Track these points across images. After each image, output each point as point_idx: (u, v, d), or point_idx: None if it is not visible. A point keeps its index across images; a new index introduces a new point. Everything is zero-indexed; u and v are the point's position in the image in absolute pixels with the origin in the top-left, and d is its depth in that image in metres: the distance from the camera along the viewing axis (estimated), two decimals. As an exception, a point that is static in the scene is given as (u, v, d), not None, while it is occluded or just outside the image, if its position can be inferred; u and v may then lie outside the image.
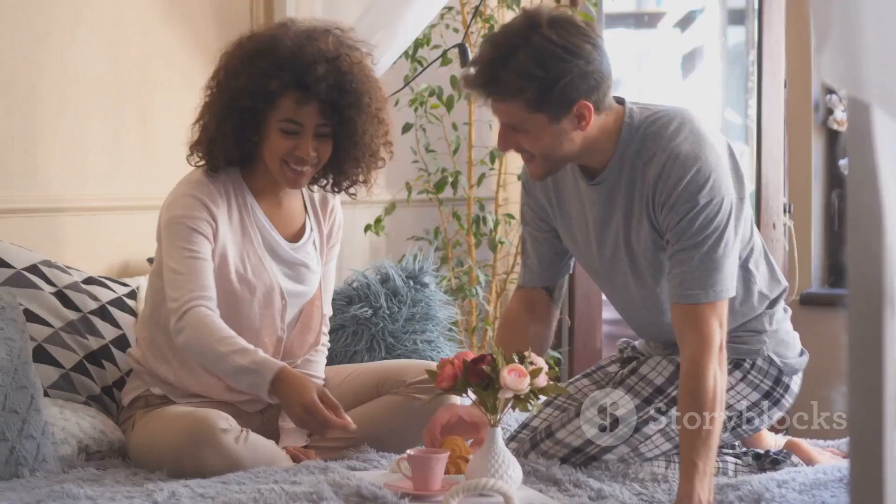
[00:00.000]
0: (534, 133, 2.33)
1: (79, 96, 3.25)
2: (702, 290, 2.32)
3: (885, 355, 1.27)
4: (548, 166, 2.40)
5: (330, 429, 2.47)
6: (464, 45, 3.69)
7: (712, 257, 2.33)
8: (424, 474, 2.25)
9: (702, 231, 2.33)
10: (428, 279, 3.26)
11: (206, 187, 2.64)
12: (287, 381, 2.49)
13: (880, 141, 1.29)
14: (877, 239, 1.29)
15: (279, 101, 2.59)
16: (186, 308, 2.55)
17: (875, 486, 1.26)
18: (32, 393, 2.51)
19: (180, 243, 2.59)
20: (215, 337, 2.53)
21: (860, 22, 1.25)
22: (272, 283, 2.69)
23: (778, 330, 2.55)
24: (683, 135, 2.37)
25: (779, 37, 4.22)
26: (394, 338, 3.15)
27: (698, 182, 2.33)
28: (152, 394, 2.70)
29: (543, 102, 2.29)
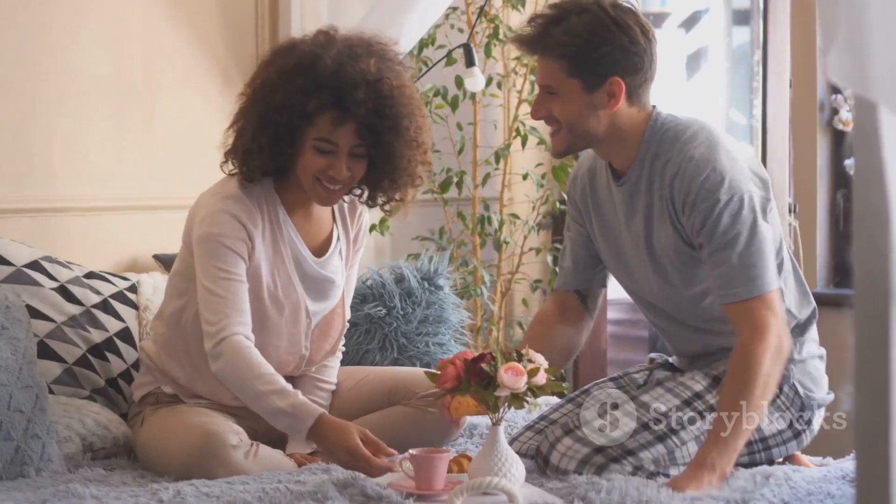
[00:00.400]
0: (565, 99, 2.43)
1: (82, 96, 3.26)
2: (743, 286, 2.36)
3: (891, 354, 1.27)
4: (570, 140, 2.48)
5: (377, 471, 2.37)
6: (468, 46, 3.70)
7: (749, 252, 2.37)
8: (427, 474, 2.25)
9: (731, 229, 2.37)
10: (442, 282, 3.26)
11: (242, 204, 2.58)
12: (327, 426, 2.44)
13: (887, 140, 1.29)
14: (883, 238, 1.29)
15: (316, 119, 2.53)
16: (224, 336, 2.50)
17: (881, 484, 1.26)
18: (37, 392, 2.51)
19: (217, 263, 2.53)
20: (254, 373, 2.48)
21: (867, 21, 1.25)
22: (299, 301, 2.66)
23: (806, 363, 2.54)
24: (699, 140, 2.43)
25: (784, 37, 4.22)
26: (406, 339, 3.15)
27: (714, 180, 2.38)
28: (163, 391, 2.69)
29: (582, 66, 2.41)
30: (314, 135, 2.54)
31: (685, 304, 2.53)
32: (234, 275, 2.54)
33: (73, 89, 3.23)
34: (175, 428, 2.56)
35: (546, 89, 2.47)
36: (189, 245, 2.62)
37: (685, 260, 2.46)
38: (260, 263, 2.60)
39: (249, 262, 2.58)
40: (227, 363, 2.50)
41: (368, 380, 2.83)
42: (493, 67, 4.13)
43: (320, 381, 2.78)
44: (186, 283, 2.63)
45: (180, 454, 2.49)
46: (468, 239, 4.08)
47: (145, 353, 2.75)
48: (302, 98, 2.52)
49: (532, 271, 4.30)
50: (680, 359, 2.66)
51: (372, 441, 2.41)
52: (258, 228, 2.59)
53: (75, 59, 3.23)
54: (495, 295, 4.09)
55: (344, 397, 2.80)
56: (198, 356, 2.61)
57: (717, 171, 2.39)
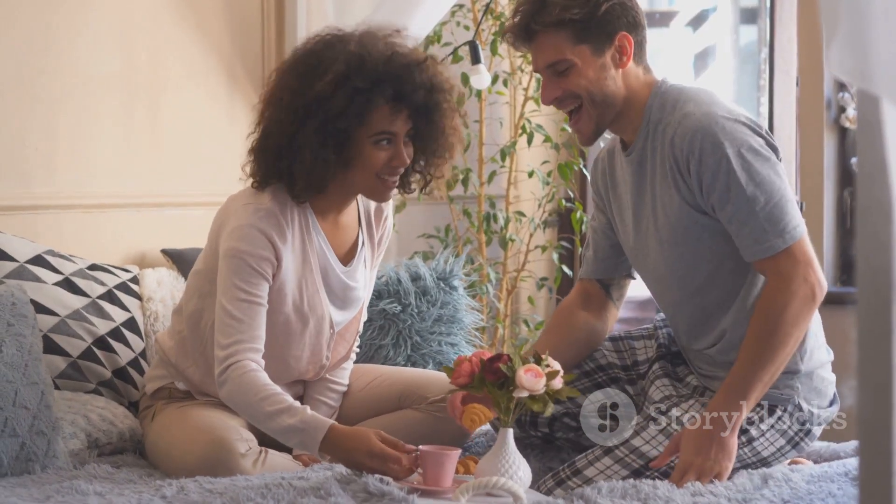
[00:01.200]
0: (578, 68, 2.42)
1: (88, 94, 3.26)
2: (777, 237, 2.34)
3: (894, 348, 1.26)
4: (595, 115, 2.45)
5: (402, 465, 2.30)
6: (474, 43, 3.70)
7: (771, 203, 2.34)
8: (436, 471, 2.24)
9: (749, 184, 2.34)
10: (457, 282, 3.26)
11: (274, 218, 2.53)
12: (340, 435, 2.36)
13: (890, 134, 1.29)
14: (886, 232, 1.28)
15: (370, 116, 2.50)
16: (231, 362, 2.46)
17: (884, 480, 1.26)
18: (43, 389, 2.51)
19: (238, 282, 2.49)
20: (260, 395, 2.43)
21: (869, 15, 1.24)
22: (324, 312, 2.64)
23: (812, 375, 2.48)
24: (697, 98, 2.43)
25: (791, 35, 4.22)
26: (420, 336, 3.15)
27: (716, 133, 2.36)
28: (176, 387, 2.68)
29: (587, 30, 2.41)
30: (371, 132, 2.51)
31: (692, 283, 2.48)
32: (255, 297, 2.49)
33: (78, 86, 3.24)
34: (184, 431, 2.55)
35: (553, 68, 2.44)
36: (214, 248, 2.58)
37: (692, 228, 2.43)
38: (287, 277, 2.56)
39: (274, 280, 2.54)
40: (233, 389, 2.45)
41: (379, 381, 2.81)
42: (500, 65, 4.13)
43: (332, 383, 2.77)
44: (209, 286, 2.59)
45: (188, 460, 2.48)
46: (474, 237, 4.08)
47: (161, 347, 2.74)
48: (361, 98, 2.48)
49: (538, 269, 4.30)
50: (696, 356, 2.58)
51: (390, 441, 2.34)
52: (287, 243, 2.55)
53: (81, 57, 3.24)
54: (501, 293, 4.09)
55: (354, 398, 2.79)
56: (213, 361, 2.59)
57: (714, 122, 2.36)
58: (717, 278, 2.46)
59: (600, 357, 2.65)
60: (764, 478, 2.31)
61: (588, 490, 2.19)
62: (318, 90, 2.48)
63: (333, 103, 2.47)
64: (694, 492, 2.22)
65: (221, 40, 3.56)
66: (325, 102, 2.47)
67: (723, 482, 2.29)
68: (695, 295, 2.49)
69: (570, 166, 4.02)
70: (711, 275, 2.46)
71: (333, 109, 2.47)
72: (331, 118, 2.48)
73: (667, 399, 2.49)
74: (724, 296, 2.47)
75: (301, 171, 2.50)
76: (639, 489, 2.20)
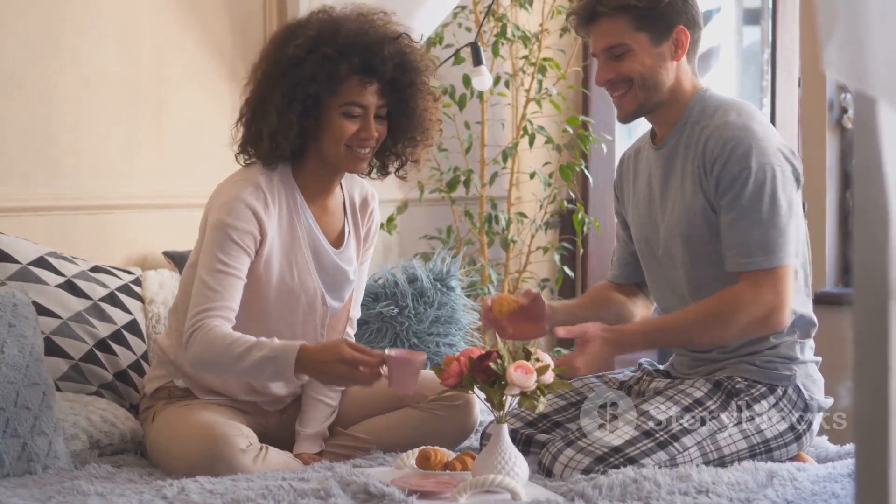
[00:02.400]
0: (636, 53, 2.51)
1: (93, 95, 3.27)
2: (763, 255, 2.42)
3: (890, 349, 1.26)
4: (642, 98, 2.54)
5: (375, 367, 2.38)
6: (476, 44, 3.70)
7: (770, 224, 2.42)
8: (401, 373, 2.31)
9: (756, 199, 2.42)
10: (454, 283, 3.26)
11: (259, 192, 2.59)
12: (312, 352, 2.43)
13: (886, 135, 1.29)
14: (883, 233, 1.28)
15: (340, 86, 2.58)
16: (197, 326, 2.50)
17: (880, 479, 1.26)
18: (44, 390, 2.52)
19: (219, 254, 2.54)
20: (225, 343, 2.47)
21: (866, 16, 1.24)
22: (315, 288, 2.67)
23: (808, 365, 2.57)
24: (736, 112, 2.51)
25: (793, 36, 4.22)
26: (417, 338, 3.15)
27: (748, 144, 2.44)
28: (175, 385, 2.69)
29: (649, 19, 2.50)
30: (340, 101, 2.59)
31: (694, 281, 2.55)
32: (232, 269, 2.54)
33: (82, 87, 3.24)
34: (185, 428, 2.56)
35: (611, 51, 2.53)
36: (204, 234, 2.62)
37: (706, 228, 2.50)
38: (272, 249, 2.60)
39: (259, 253, 2.59)
40: (199, 348, 2.49)
41: None
42: (502, 66, 4.13)
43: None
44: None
45: (188, 456, 2.49)
46: (476, 238, 4.08)
47: (159, 346, 2.75)
48: (331, 65, 2.56)
49: (539, 270, 4.30)
50: (677, 359, 2.66)
51: (359, 348, 2.42)
52: (273, 217, 2.60)
53: (84, 58, 3.24)
54: (503, 294, 4.09)
55: (353, 398, 2.79)
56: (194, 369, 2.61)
57: (750, 136, 2.45)
58: (718, 283, 2.50)
59: (587, 391, 2.68)
60: (769, 475, 2.32)
61: (588, 489, 2.19)
62: (289, 53, 2.57)
63: (304, 68, 2.56)
64: (697, 490, 2.22)
65: (224, 41, 3.56)
66: (296, 66, 2.57)
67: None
68: (694, 294, 2.54)
69: (571, 168, 4.02)
70: (714, 277, 2.51)
71: (303, 74, 2.56)
72: (301, 82, 2.56)
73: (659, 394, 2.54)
74: None
75: (266, 133, 2.59)
76: (640, 487, 2.20)
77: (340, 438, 2.73)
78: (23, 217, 3.10)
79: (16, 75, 3.11)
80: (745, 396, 2.48)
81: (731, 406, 2.47)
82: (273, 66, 2.60)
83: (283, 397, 2.74)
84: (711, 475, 2.29)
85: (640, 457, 2.39)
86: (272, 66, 2.60)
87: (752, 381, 2.50)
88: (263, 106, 2.60)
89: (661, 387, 2.58)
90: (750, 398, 2.48)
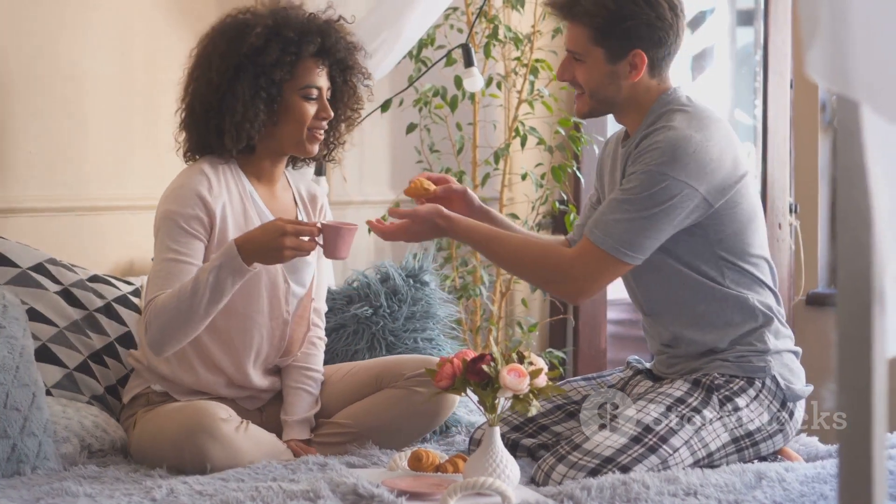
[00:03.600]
0: (589, 66, 2.54)
1: (87, 98, 3.27)
2: (602, 232, 2.45)
3: (873, 352, 1.27)
4: (591, 105, 2.59)
5: (313, 235, 2.49)
6: (468, 46, 3.70)
7: (631, 217, 2.43)
8: (334, 241, 2.46)
9: (639, 189, 2.43)
10: (428, 277, 3.26)
11: (203, 176, 2.64)
12: (251, 239, 2.48)
13: (869, 139, 1.29)
14: (866, 236, 1.29)
15: (297, 69, 2.65)
16: (146, 312, 2.54)
17: (863, 483, 1.26)
18: (34, 391, 2.52)
19: (168, 242, 2.59)
20: (172, 298, 2.50)
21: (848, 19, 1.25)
22: (276, 268, 2.70)
23: (782, 354, 2.57)
24: (687, 120, 2.49)
25: (785, 37, 4.22)
26: (394, 336, 3.15)
27: (669, 154, 2.43)
28: (153, 391, 2.71)
29: (606, 37, 2.50)
30: (300, 84, 2.66)
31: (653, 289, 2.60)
32: (182, 255, 2.57)
33: (76, 91, 3.24)
34: (165, 415, 2.60)
35: (572, 54, 2.56)
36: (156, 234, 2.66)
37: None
38: (227, 230, 2.64)
39: (212, 236, 2.63)
40: (153, 321, 2.51)
41: (356, 370, 2.86)
42: (494, 68, 4.13)
43: (307, 370, 2.80)
44: None
45: (172, 434, 2.52)
46: (468, 239, 4.08)
47: (133, 358, 2.78)
48: (293, 49, 2.64)
49: (532, 271, 4.29)
50: (658, 358, 2.68)
51: (293, 220, 2.51)
52: (220, 198, 2.64)
53: (79, 61, 3.24)
54: (495, 295, 4.10)
55: (334, 387, 2.82)
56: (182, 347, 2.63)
57: (687, 145, 2.43)
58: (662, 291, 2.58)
59: (574, 395, 2.70)
60: (758, 476, 2.33)
61: (577, 491, 2.20)
62: (250, 43, 2.63)
63: (266, 55, 2.63)
64: (685, 492, 2.23)
65: (215, 43, 3.56)
66: (257, 55, 2.63)
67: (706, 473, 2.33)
68: (645, 295, 2.62)
69: (563, 169, 4.02)
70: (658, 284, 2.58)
71: (266, 60, 2.62)
72: (265, 70, 2.63)
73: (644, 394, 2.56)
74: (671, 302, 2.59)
75: (230, 125, 2.63)
76: (629, 489, 2.21)
77: (326, 428, 2.76)
78: (13, 219, 3.10)
79: (7, 79, 3.11)
80: (724, 391, 2.50)
81: (713, 401, 2.48)
82: (230, 60, 2.63)
83: (262, 390, 2.75)
84: (699, 477, 2.30)
85: (633, 464, 2.38)
86: (227, 59, 2.64)
87: (729, 377, 2.52)
88: (223, 101, 2.63)
89: (643, 391, 2.59)
90: (730, 392, 2.50)
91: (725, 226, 2.50)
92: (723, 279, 2.53)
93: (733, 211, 2.50)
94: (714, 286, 2.53)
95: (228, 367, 2.69)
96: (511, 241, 2.55)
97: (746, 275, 2.54)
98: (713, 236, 2.50)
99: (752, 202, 2.54)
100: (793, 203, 4.22)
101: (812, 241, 4.17)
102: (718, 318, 2.54)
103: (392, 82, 3.89)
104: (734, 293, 2.53)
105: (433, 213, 2.55)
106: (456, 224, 2.56)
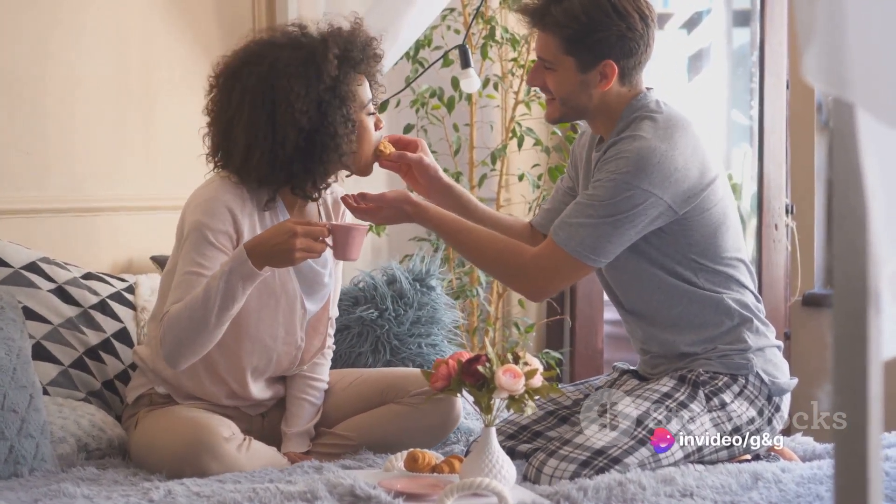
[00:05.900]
0: (560, 74, 2.54)
1: (82, 99, 3.27)
2: (565, 234, 2.47)
3: (869, 354, 1.27)
4: (562, 112, 2.60)
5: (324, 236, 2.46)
6: (465, 47, 3.70)
7: (597, 221, 2.44)
8: (344, 241, 2.45)
9: (606, 194, 2.44)
10: (434, 282, 3.26)
11: (237, 189, 2.59)
12: (261, 243, 2.45)
13: (864, 141, 1.30)
14: (861, 238, 1.29)
15: (354, 89, 2.60)
16: (165, 317, 2.50)
17: (859, 484, 1.27)
18: (31, 392, 2.52)
19: (194, 255, 2.53)
20: (185, 308, 2.46)
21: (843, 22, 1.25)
22: (295, 292, 2.68)
23: (764, 350, 2.59)
24: (654, 129, 2.49)
25: (781, 38, 4.22)
26: (399, 340, 3.15)
27: (638, 161, 2.44)
28: (156, 392, 2.70)
29: (576, 47, 2.50)
30: (363, 103, 2.63)
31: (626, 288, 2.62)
32: (206, 269, 2.52)
33: (71, 91, 3.24)
34: (168, 423, 2.58)
35: (542, 62, 2.56)
36: (181, 241, 2.61)
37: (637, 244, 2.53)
38: None
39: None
40: (167, 335, 2.48)
41: (361, 380, 2.84)
42: (491, 69, 4.13)
43: (312, 380, 2.79)
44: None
45: (173, 447, 2.50)
46: (465, 240, 4.08)
47: (139, 356, 2.75)
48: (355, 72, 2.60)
49: (529, 272, 4.29)
50: (642, 358, 2.70)
51: (302, 220, 2.49)
52: (249, 215, 2.59)
53: (74, 62, 3.25)
54: (491, 296, 4.10)
55: (337, 397, 2.81)
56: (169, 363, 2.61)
57: (652, 156, 2.44)
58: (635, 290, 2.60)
59: (563, 400, 2.71)
60: (754, 477, 2.34)
61: (574, 491, 2.20)
62: (328, 74, 2.54)
63: (345, 84, 2.57)
64: (682, 493, 2.23)
65: (212, 44, 3.56)
66: (336, 85, 2.55)
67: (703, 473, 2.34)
68: (624, 295, 2.64)
69: (560, 169, 4.02)
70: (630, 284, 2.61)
71: (345, 90, 2.56)
72: (345, 100, 2.56)
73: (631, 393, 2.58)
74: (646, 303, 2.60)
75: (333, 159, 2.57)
76: (625, 489, 2.21)
77: (326, 438, 2.75)
78: (8, 219, 3.10)
79: (3, 79, 3.11)
80: (709, 386, 2.52)
81: (699, 395, 2.50)
82: (311, 97, 2.53)
83: (264, 400, 2.74)
84: (695, 478, 2.30)
85: (623, 456, 2.40)
86: (306, 99, 2.53)
87: (713, 373, 2.54)
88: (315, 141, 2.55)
89: (630, 389, 2.60)
90: (715, 388, 2.52)
91: (695, 231, 2.51)
92: (697, 280, 2.55)
93: (701, 216, 2.51)
94: (688, 287, 2.55)
95: (232, 382, 2.68)
96: (476, 234, 2.56)
97: (721, 275, 2.56)
98: (683, 241, 2.52)
99: (723, 206, 2.54)
100: (789, 204, 4.22)
101: (808, 242, 4.18)
102: (695, 319, 2.56)
103: (389, 83, 3.87)
104: (709, 294, 2.55)
105: (401, 199, 2.57)
106: (423, 211, 2.57)
